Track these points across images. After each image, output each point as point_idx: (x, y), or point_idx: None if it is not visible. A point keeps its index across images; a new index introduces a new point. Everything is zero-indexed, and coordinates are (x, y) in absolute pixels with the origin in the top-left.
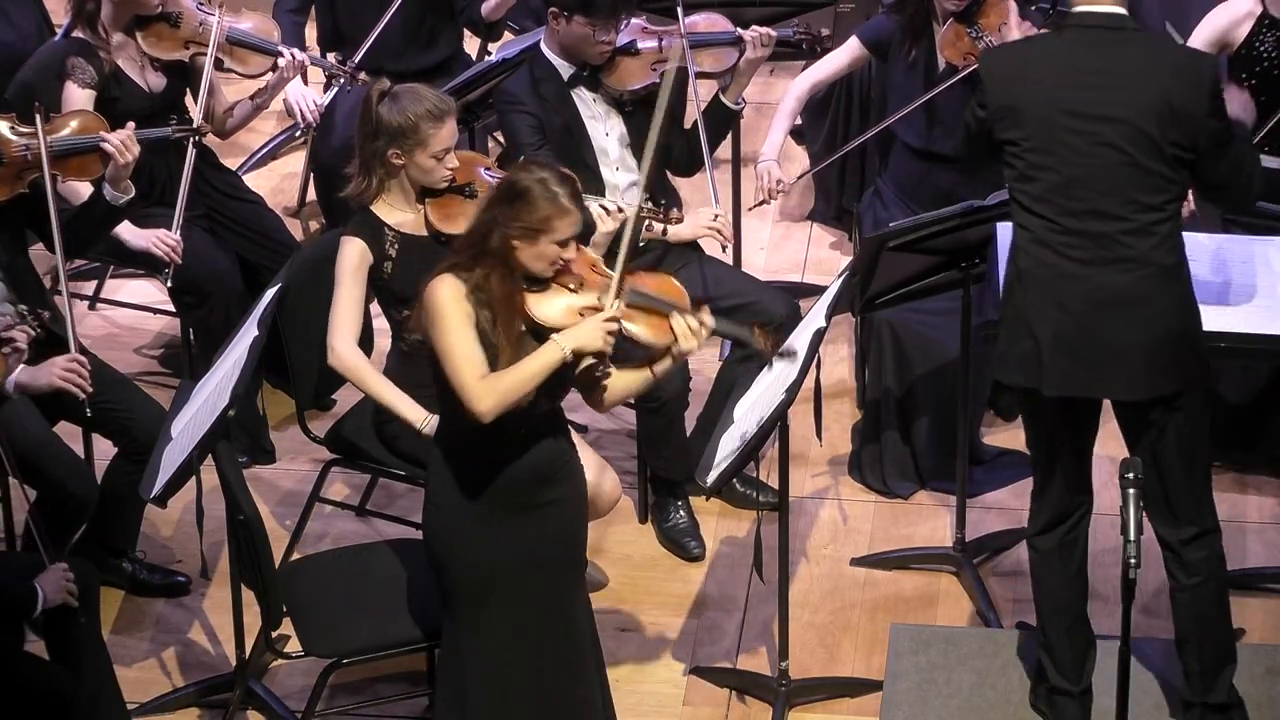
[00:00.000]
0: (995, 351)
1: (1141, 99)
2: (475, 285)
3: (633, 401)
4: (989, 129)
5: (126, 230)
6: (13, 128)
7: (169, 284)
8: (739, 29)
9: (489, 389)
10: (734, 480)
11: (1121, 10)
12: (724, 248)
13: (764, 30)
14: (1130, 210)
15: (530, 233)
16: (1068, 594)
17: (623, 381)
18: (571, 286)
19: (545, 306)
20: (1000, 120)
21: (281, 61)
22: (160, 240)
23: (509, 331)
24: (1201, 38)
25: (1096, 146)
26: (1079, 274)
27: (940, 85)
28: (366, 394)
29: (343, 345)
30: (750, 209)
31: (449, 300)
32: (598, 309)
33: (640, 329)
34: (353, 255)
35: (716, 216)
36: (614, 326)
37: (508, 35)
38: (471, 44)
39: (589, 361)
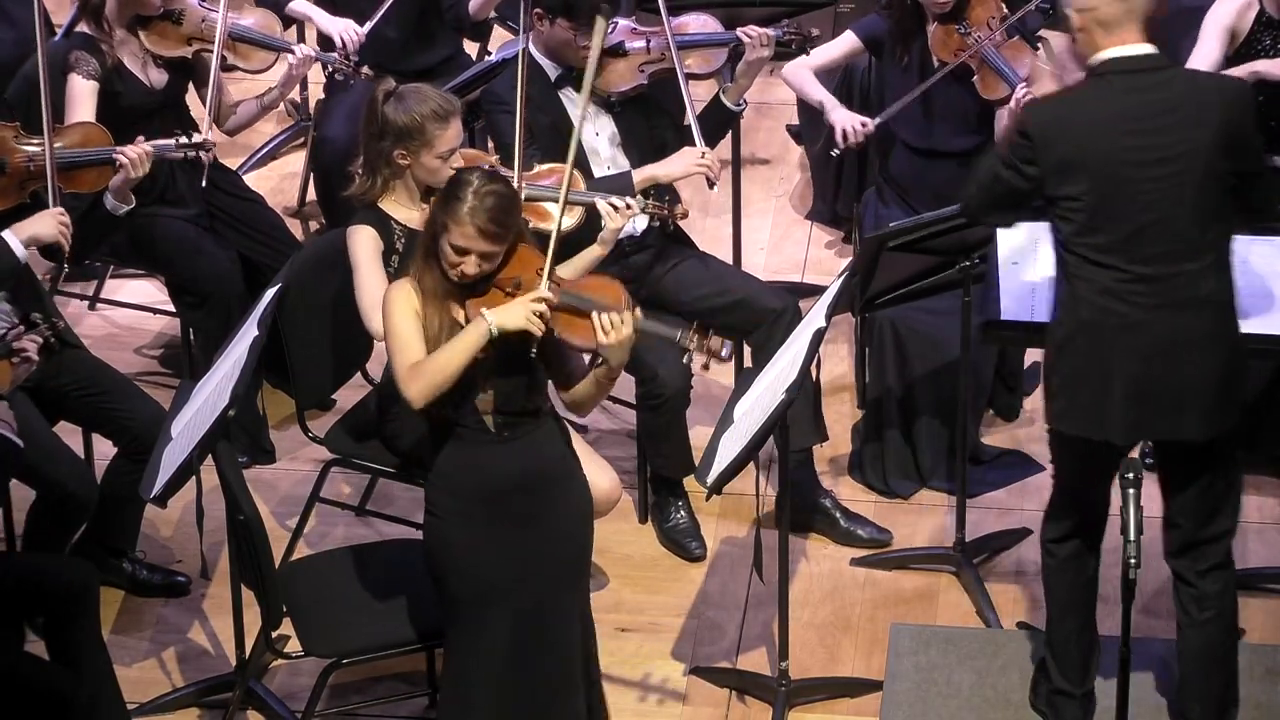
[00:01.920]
0: (1051, 402)
1: (1202, 135)
2: (422, 284)
3: (634, 400)
4: (1040, 185)
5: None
6: (17, 138)
7: (203, 184)
8: (738, 30)
9: (416, 372)
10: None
11: (1153, 49)
12: (711, 185)
13: (763, 30)
14: (1199, 248)
15: (439, 224)
16: (1078, 598)
17: (581, 389)
18: (508, 290)
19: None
20: (1055, 175)
21: (293, 59)
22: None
23: (444, 317)
24: (1213, 28)
25: (1165, 190)
26: (1148, 320)
27: (942, 92)
28: None
29: (377, 320)
30: (833, 154)
31: (398, 300)
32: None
33: (564, 330)
34: (366, 240)
35: (704, 154)
36: (541, 307)
37: (507, 35)
38: (472, 44)
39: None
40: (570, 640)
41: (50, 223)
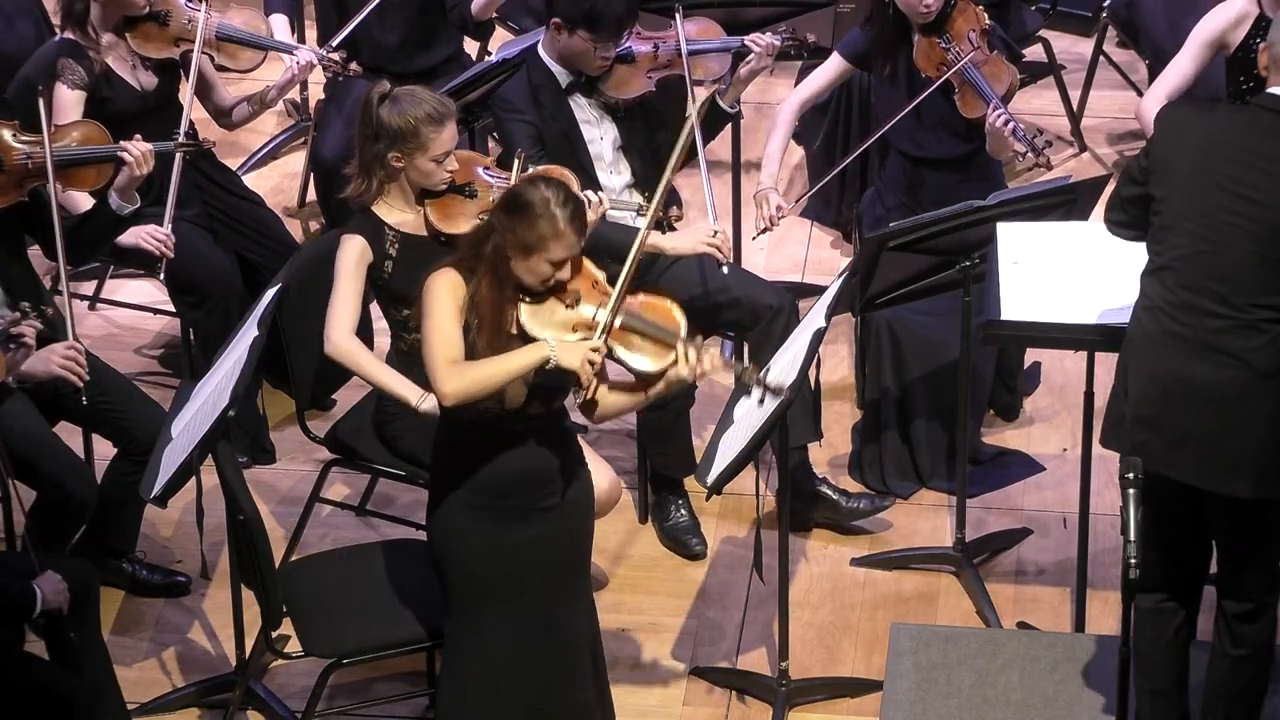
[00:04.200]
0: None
1: None
2: (471, 289)
3: None
4: (1146, 178)
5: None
6: (15, 135)
7: (162, 278)
8: (744, 38)
9: (458, 373)
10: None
11: None
12: (720, 265)
13: (769, 41)
14: (1244, 303)
15: (524, 248)
16: (1156, 658)
17: (615, 400)
18: (567, 302)
19: (537, 318)
20: (1155, 172)
21: (299, 62)
22: (149, 235)
23: (492, 339)
24: (1199, 40)
25: (1236, 229)
26: (1174, 349)
27: (919, 96)
28: (363, 378)
29: (339, 334)
30: (754, 238)
31: (444, 290)
32: (591, 328)
33: (636, 355)
34: (353, 252)
35: (716, 233)
36: (598, 358)
37: (505, 35)
38: (472, 44)
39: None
40: (575, 632)
41: (50, 363)
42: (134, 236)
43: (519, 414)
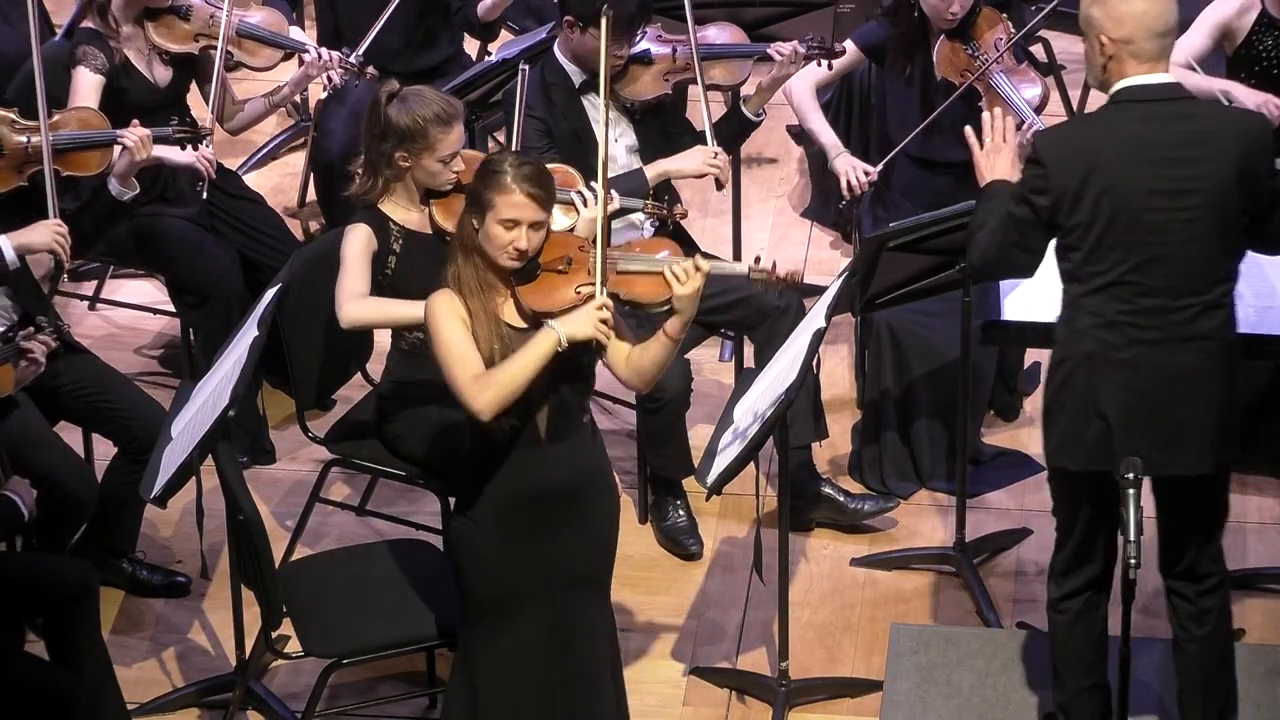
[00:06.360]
0: (1050, 437)
1: (1220, 169)
2: (461, 283)
3: (634, 401)
4: (1052, 215)
5: (170, 152)
6: (14, 122)
7: (204, 196)
8: (768, 46)
9: (484, 385)
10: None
11: (1174, 79)
12: (720, 186)
13: (793, 49)
14: (1206, 283)
15: (481, 207)
16: (1090, 656)
17: (649, 354)
18: (560, 269)
19: (539, 295)
20: (1068, 202)
21: (309, 58)
22: (201, 156)
23: (489, 320)
24: (1209, 20)
25: (1180, 223)
26: (1150, 354)
27: (940, 105)
28: (393, 324)
29: (350, 301)
30: (840, 207)
31: (443, 309)
32: (590, 282)
33: (638, 293)
34: (359, 239)
35: (716, 155)
36: (605, 314)
37: (506, 35)
38: (472, 44)
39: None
40: (596, 643)
41: (45, 233)
42: (189, 156)
43: (555, 424)
